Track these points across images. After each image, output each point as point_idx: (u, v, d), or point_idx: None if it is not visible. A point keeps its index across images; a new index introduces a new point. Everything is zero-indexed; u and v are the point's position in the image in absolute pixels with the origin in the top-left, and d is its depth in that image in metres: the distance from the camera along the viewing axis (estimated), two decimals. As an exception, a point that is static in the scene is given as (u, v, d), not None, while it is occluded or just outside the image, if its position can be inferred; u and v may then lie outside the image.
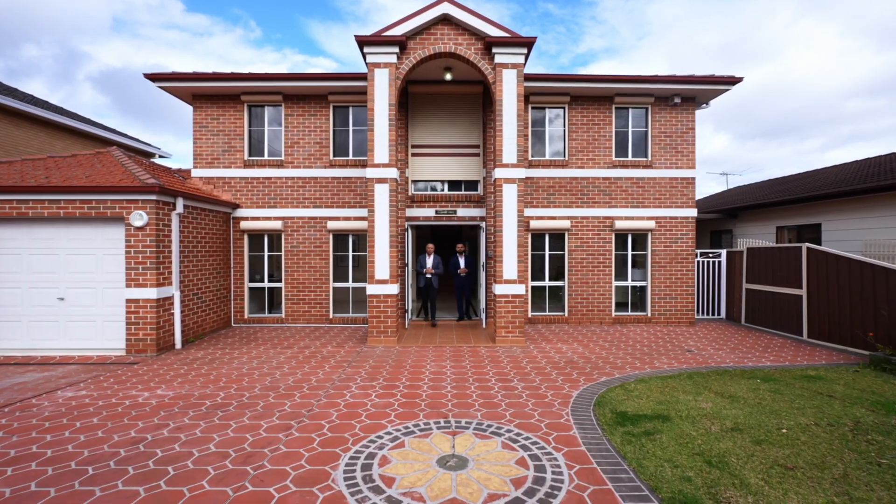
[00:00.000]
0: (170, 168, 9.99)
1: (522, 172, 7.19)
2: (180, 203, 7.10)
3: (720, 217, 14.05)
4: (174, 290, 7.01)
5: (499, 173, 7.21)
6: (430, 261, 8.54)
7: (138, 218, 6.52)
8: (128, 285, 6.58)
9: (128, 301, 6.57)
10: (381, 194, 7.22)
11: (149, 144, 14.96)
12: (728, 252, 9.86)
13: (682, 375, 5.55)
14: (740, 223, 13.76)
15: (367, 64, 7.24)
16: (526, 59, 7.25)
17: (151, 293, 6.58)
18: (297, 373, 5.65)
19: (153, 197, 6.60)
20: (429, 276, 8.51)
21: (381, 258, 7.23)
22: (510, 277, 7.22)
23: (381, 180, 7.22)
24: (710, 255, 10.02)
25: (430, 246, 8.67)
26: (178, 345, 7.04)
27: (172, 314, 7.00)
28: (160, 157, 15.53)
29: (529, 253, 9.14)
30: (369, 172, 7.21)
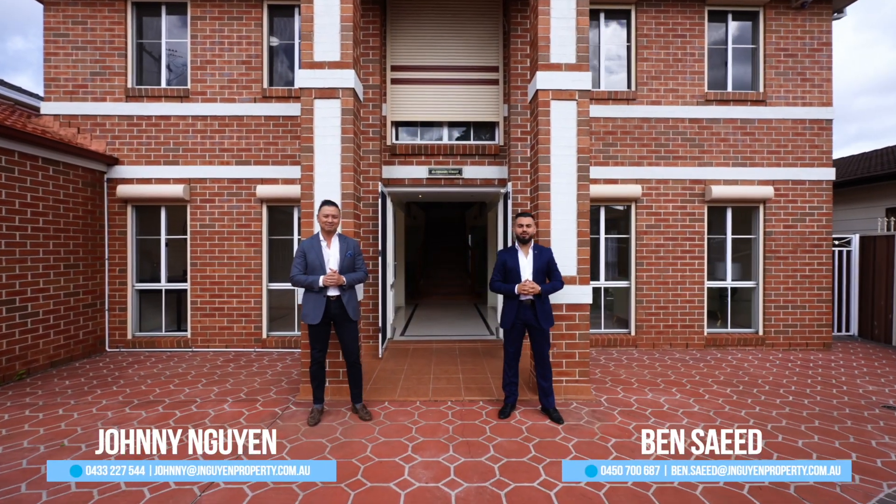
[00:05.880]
0: (16, 108, 6.60)
1: (587, 80, 3.91)
2: (-54, 132, 3.79)
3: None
4: (-71, 297, 3.71)
5: (543, 81, 3.91)
6: (330, 252, 3.36)
7: None
8: None
9: None
10: (327, 119, 3.92)
11: (38, 97, 10.96)
12: (862, 237, 6.63)
13: None
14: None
15: None
16: None
17: None
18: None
19: None
20: (332, 294, 3.31)
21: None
22: (564, 273, 3.94)
23: (327, 92, 3.91)
24: (835, 242, 6.79)
25: (329, 212, 3.31)
26: (-58, 399, 3.74)
27: (-74, 342, 3.69)
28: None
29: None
30: (302, 78, 3.90)
